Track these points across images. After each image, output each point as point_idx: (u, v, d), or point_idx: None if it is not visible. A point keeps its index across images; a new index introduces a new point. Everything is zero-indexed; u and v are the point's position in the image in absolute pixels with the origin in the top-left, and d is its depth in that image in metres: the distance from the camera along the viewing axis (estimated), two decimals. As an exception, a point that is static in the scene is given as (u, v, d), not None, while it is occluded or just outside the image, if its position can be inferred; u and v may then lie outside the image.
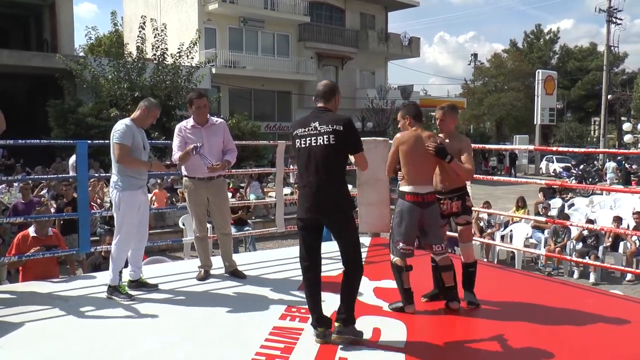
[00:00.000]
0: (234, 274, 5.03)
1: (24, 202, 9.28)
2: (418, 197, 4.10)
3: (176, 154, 4.73)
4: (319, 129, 3.50)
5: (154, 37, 18.49)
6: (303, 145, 3.53)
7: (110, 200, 4.56)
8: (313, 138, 3.50)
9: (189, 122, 4.88)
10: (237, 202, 10.31)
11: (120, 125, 4.35)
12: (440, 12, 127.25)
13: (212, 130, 4.85)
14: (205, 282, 4.83)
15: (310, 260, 3.62)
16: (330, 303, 4.28)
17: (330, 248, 6.40)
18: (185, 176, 4.92)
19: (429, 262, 4.41)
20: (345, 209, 3.60)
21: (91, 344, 3.48)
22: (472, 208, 5.61)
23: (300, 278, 4.95)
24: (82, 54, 30.97)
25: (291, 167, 9.56)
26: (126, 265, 4.56)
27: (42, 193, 11.80)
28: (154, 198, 11.76)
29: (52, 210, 9.86)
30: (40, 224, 5.67)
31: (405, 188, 4.13)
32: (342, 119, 3.55)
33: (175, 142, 4.83)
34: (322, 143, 3.48)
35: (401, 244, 4.13)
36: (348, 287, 3.60)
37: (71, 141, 6.79)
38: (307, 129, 3.53)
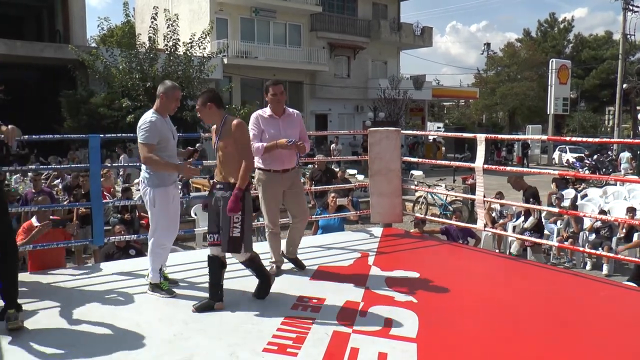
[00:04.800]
0: (296, 262, 4.97)
1: (35, 192, 9.36)
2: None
3: (258, 144, 4.49)
4: None
5: (166, 27, 18.52)
6: None
7: (140, 195, 4.32)
8: None
9: (266, 112, 4.63)
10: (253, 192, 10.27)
11: (145, 123, 4.11)
12: (453, 1, 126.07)
13: (288, 122, 4.67)
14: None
15: None
16: (346, 295, 4.31)
17: (340, 238, 6.43)
18: (260, 169, 4.68)
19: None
20: None
21: (102, 333, 3.51)
22: (484, 198, 5.55)
23: (314, 267, 4.98)
24: (94, 44, 31.07)
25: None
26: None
27: (54, 183, 11.89)
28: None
29: (66, 201, 9.94)
30: (41, 214, 5.63)
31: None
32: None
33: (252, 132, 4.52)
34: None
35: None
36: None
37: (83, 135, 6.73)
38: None
